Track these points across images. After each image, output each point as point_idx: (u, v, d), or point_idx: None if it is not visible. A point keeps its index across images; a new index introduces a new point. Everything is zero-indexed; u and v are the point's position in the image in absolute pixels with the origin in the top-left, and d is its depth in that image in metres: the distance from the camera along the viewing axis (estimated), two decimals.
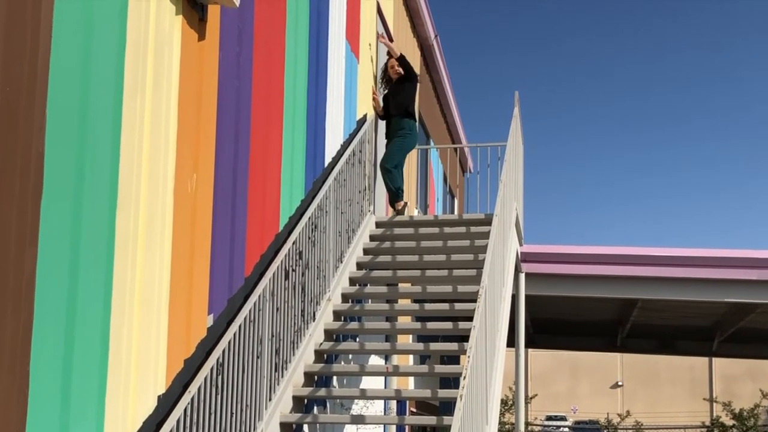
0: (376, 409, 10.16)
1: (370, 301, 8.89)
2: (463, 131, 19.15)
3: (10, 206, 3.85)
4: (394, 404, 11.28)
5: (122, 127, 4.74)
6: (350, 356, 8.73)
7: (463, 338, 7.21)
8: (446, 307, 8.02)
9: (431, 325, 7.80)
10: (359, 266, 8.75)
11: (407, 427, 12.39)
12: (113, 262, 4.61)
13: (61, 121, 4.19)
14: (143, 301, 4.89)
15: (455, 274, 8.49)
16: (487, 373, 6.29)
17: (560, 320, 16.80)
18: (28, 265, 3.93)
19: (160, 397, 5.04)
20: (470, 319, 6.27)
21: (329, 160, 8.60)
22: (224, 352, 5.62)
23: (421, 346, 7.66)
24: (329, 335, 7.73)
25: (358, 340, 8.62)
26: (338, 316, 7.98)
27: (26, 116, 3.95)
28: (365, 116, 10.03)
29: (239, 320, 5.86)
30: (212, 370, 5.42)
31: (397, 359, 10.64)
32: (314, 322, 7.44)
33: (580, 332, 18.68)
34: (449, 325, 7.67)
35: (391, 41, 11.80)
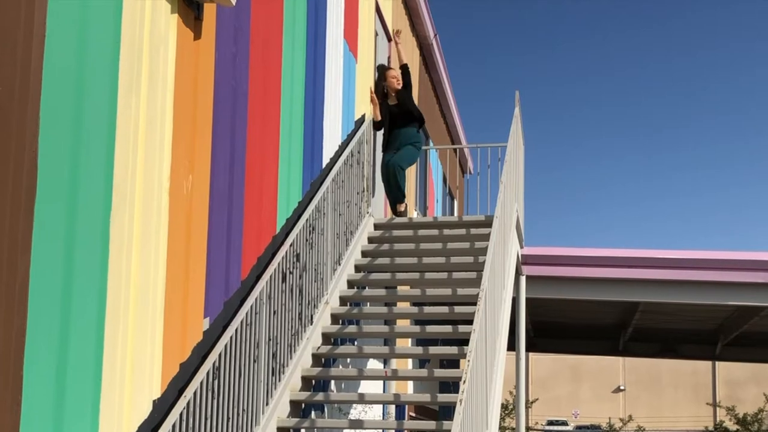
0: (374, 413, 10.16)
1: (368, 304, 8.89)
2: (462, 132, 19.16)
3: (3, 209, 3.85)
4: (392, 409, 11.28)
5: (117, 128, 4.74)
6: (348, 360, 8.74)
7: (462, 342, 7.21)
8: (446, 310, 8.03)
9: (430, 328, 7.80)
10: (357, 269, 8.75)
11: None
12: (108, 264, 4.61)
13: (54, 122, 4.19)
14: (138, 304, 4.89)
15: (455, 276, 8.49)
16: (487, 377, 6.29)
17: (561, 323, 16.81)
18: (21, 268, 3.93)
19: (155, 401, 5.04)
20: (470, 322, 6.27)
21: (327, 161, 8.61)
22: (220, 355, 5.62)
23: (420, 349, 7.67)
24: (327, 339, 7.73)
25: (356, 343, 8.62)
26: (336, 319, 7.99)
27: (19, 117, 3.95)
28: (363, 116, 10.04)
29: (236, 324, 5.86)
30: (208, 374, 5.43)
31: (395, 363, 10.64)
32: (312, 325, 7.45)
33: (581, 336, 18.70)
34: (449, 328, 7.68)
35: (389, 41, 11.81)
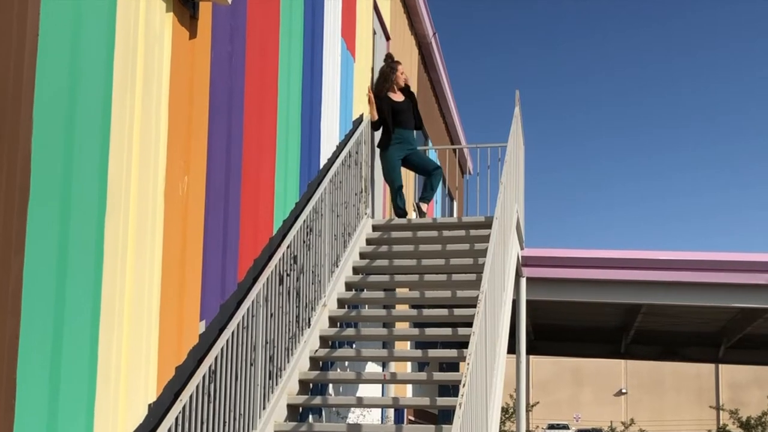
0: (373, 417, 10.16)
1: (366, 306, 8.89)
2: (462, 132, 19.17)
3: None
4: (391, 413, 11.28)
5: (111, 128, 4.74)
6: (346, 363, 8.74)
7: (462, 345, 7.21)
8: (445, 312, 8.03)
9: (430, 331, 7.80)
10: (355, 271, 8.75)
11: None
12: (102, 267, 4.60)
13: (48, 122, 4.19)
14: (133, 307, 4.89)
15: (454, 278, 8.49)
16: (487, 380, 6.29)
17: (562, 326, 16.82)
18: (14, 270, 3.93)
19: (150, 405, 5.04)
20: (470, 324, 6.27)
21: (324, 161, 8.61)
22: (216, 359, 5.62)
23: (419, 352, 7.67)
24: (325, 342, 7.73)
25: (354, 346, 8.62)
26: (334, 322, 7.99)
27: (12, 117, 3.95)
28: (362, 116, 10.04)
29: (232, 327, 5.86)
30: (204, 378, 5.42)
31: (394, 366, 10.64)
32: (309, 328, 7.45)
33: (582, 338, 18.70)
34: (448, 331, 7.68)
35: (387, 39, 11.81)
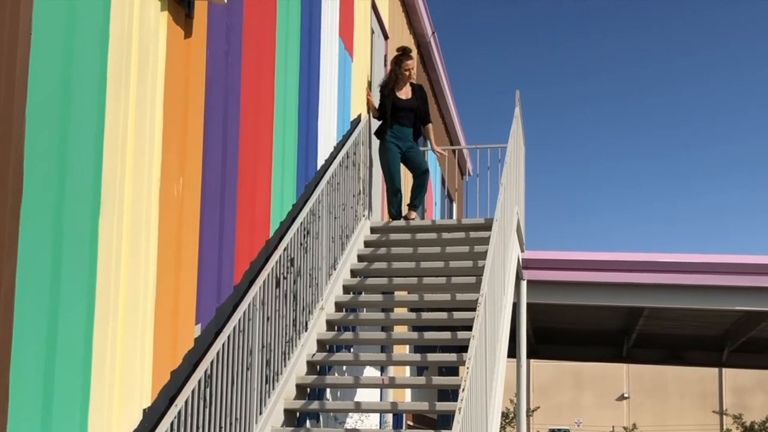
0: (371, 422, 10.16)
1: (364, 309, 8.89)
2: (461, 132, 19.17)
3: None
4: (390, 418, 11.27)
5: (105, 128, 4.74)
6: (344, 367, 8.73)
7: (461, 348, 7.21)
8: (444, 316, 8.02)
9: (429, 334, 7.80)
10: (353, 273, 8.75)
11: None
12: (96, 269, 4.60)
13: (41, 123, 4.19)
14: (127, 310, 4.89)
15: (454, 281, 8.50)
16: (487, 384, 6.29)
17: (563, 329, 16.82)
18: (7, 272, 3.93)
19: (145, 410, 5.04)
20: (469, 328, 6.27)
21: (322, 162, 8.61)
22: (212, 363, 5.62)
23: (418, 356, 7.67)
24: (322, 346, 7.73)
25: (352, 350, 8.62)
26: (331, 325, 7.98)
27: (4, 118, 3.95)
28: (359, 117, 10.05)
29: (228, 330, 5.86)
30: (200, 382, 5.42)
31: (393, 370, 10.63)
32: (306, 332, 7.44)
33: (584, 342, 18.71)
34: (447, 334, 7.67)
35: (386, 39, 11.82)
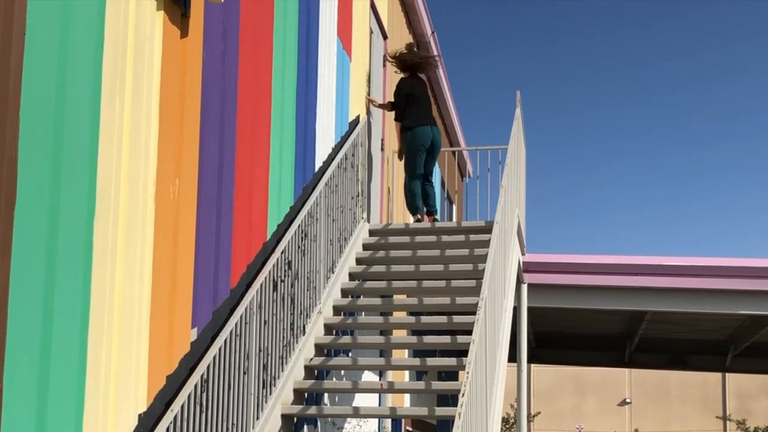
0: (369, 428, 10.15)
1: (363, 313, 8.89)
2: (461, 134, 19.17)
3: None
4: (388, 423, 11.27)
5: (100, 130, 4.74)
6: (342, 372, 8.73)
7: (461, 353, 7.21)
8: (444, 319, 8.03)
9: (428, 339, 7.80)
10: (352, 277, 8.75)
11: None
12: (91, 272, 4.60)
13: (35, 124, 4.19)
14: (123, 314, 4.89)
15: (453, 285, 8.50)
16: (487, 389, 6.29)
17: (564, 333, 16.81)
18: (0, 277, 3.93)
19: (141, 415, 5.04)
20: (469, 332, 6.27)
21: (320, 164, 8.61)
22: (209, 368, 5.62)
23: (417, 361, 7.67)
24: (320, 350, 7.73)
25: (350, 355, 8.62)
26: (329, 329, 7.98)
27: None
28: (358, 118, 10.05)
29: (225, 334, 5.86)
30: (196, 387, 5.42)
31: (391, 375, 10.63)
32: (304, 336, 7.44)
33: (585, 346, 18.69)
34: (447, 338, 7.68)
35: (385, 38, 11.83)
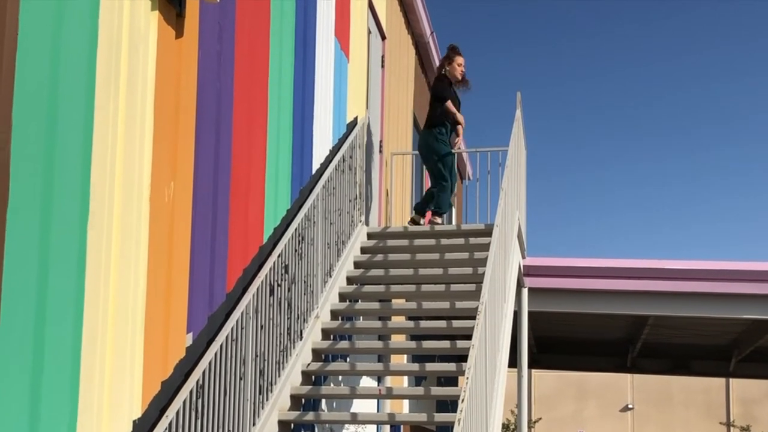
0: None
1: (361, 318, 8.89)
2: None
3: None
4: (387, 429, 11.27)
5: (94, 132, 4.74)
6: (340, 378, 8.72)
7: (461, 358, 7.20)
8: (443, 324, 8.02)
9: (427, 343, 7.80)
10: (350, 281, 8.75)
11: None
12: (84, 277, 4.60)
13: (27, 125, 4.19)
14: (117, 318, 4.88)
15: (453, 289, 8.49)
16: (487, 395, 6.29)
17: (566, 338, 16.82)
18: None
19: (135, 422, 5.03)
20: (469, 337, 6.27)
21: (317, 166, 8.61)
22: (204, 373, 5.61)
23: (416, 366, 7.66)
24: (317, 355, 7.72)
25: (348, 360, 8.61)
26: (327, 334, 7.98)
27: None
28: (356, 119, 10.05)
29: (220, 339, 5.85)
30: (191, 392, 5.42)
31: (390, 381, 10.63)
32: (301, 341, 7.44)
33: (587, 351, 18.70)
34: (446, 343, 7.67)
35: (383, 39, 11.83)
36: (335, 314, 8.24)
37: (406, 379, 11.93)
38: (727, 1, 58.32)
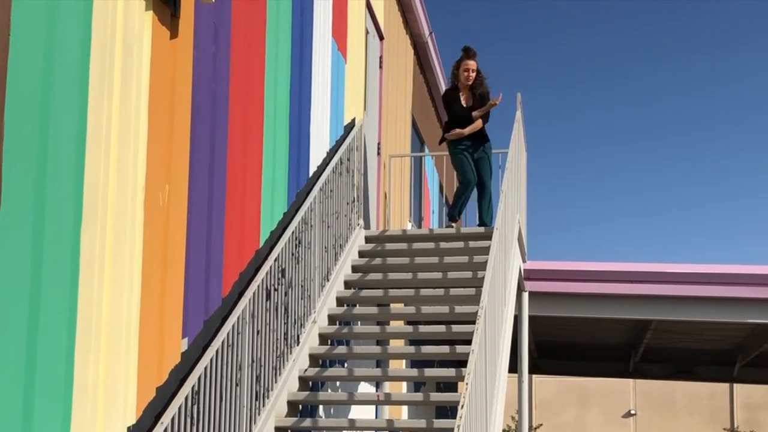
0: None
1: (359, 322, 8.89)
2: None
3: None
4: None
5: (87, 134, 4.74)
6: (338, 383, 8.72)
7: (460, 363, 7.21)
8: (442, 329, 8.02)
9: (426, 349, 7.80)
10: (347, 285, 8.75)
11: None
12: (78, 281, 4.60)
13: (20, 128, 4.19)
14: (111, 324, 4.88)
15: (452, 293, 8.50)
16: (487, 401, 6.29)
17: (567, 343, 16.81)
18: None
19: (130, 428, 5.03)
20: (469, 342, 6.27)
21: (314, 169, 8.62)
22: (200, 379, 5.61)
23: (415, 372, 7.67)
24: (315, 360, 7.72)
25: (346, 365, 8.61)
26: (324, 339, 7.98)
27: None
28: (353, 121, 10.06)
29: (216, 344, 5.85)
30: (187, 399, 5.42)
31: (388, 386, 10.63)
32: (298, 346, 7.44)
33: (588, 356, 18.69)
34: (446, 348, 7.67)
35: (381, 39, 11.84)
36: (333, 319, 8.24)
37: (404, 384, 11.93)
38: (727, 1, 58.36)
